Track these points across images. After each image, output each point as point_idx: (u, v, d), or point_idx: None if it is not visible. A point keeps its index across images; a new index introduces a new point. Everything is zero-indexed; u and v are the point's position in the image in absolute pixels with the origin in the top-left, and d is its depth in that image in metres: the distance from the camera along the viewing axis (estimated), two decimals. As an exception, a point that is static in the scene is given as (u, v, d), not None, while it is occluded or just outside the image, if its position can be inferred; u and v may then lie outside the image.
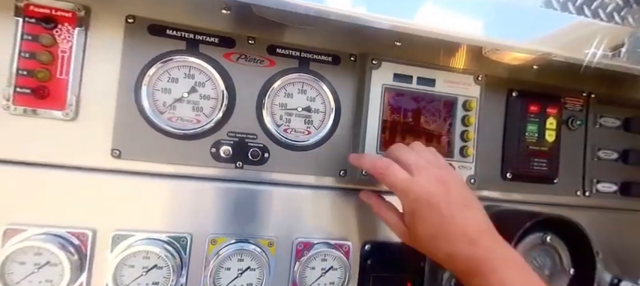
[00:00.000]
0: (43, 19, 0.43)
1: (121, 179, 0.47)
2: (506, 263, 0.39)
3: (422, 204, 0.41)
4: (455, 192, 0.41)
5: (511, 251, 0.41)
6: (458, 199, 0.41)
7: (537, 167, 0.61)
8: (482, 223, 0.41)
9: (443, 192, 0.41)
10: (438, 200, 0.40)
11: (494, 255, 0.39)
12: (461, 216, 0.40)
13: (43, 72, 0.43)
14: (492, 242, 0.40)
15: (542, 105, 0.61)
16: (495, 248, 0.40)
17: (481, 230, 0.41)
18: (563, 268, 0.53)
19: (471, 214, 0.41)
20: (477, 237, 0.40)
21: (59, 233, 0.45)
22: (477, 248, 0.39)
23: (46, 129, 0.45)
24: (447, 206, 0.40)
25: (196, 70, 0.49)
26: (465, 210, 0.41)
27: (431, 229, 0.41)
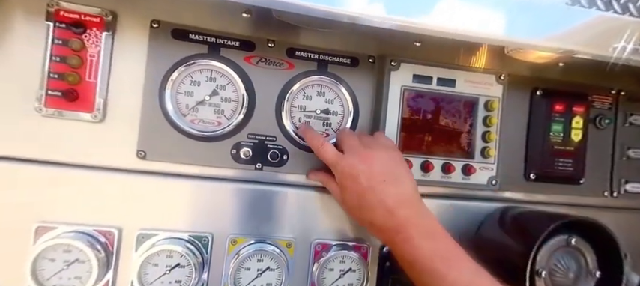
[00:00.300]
0: (72, 24, 0.46)
1: (146, 179, 0.49)
2: (420, 233, 0.43)
3: (346, 177, 0.47)
4: (377, 168, 0.46)
5: (429, 221, 0.45)
6: (379, 175, 0.45)
7: (562, 167, 0.61)
8: (403, 196, 0.45)
9: (365, 167, 0.46)
10: (359, 173, 0.45)
11: (409, 224, 0.44)
12: (380, 189, 0.45)
13: (72, 76, 0.45)
14: (410, 213, 0.45)
15: (567, 104, 0.61)
16: (411, 219, 0.44)
17: (400, 201, 0.45)
18: (588, 270, 0.52)
19: (392, 188, 0.45)
20: (394, 208, 0.44)
21: (87, 231, 0.48)
22: (393, 218, 0.44)
23: (75, 130, 0.47)
24: (367, 179, 0.45)
25: (218, 73, 0.51)
26: (384, 184, 0.45)
27: (354, 199, 0.47)
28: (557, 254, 0.52)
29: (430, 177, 0.56)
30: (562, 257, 0.52)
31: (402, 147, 0.55)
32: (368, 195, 0.45)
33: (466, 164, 0.56)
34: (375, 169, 0.45)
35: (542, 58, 0.56)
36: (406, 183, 0.46)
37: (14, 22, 0.46)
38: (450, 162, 0.56)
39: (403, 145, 0.55)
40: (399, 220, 0.44)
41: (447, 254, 0.42)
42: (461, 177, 0.57)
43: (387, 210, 0.44)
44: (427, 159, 0.55)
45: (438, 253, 0.42)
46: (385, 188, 0.45)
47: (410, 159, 0.55)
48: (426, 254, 0.42)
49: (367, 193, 0.45)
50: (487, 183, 0.58)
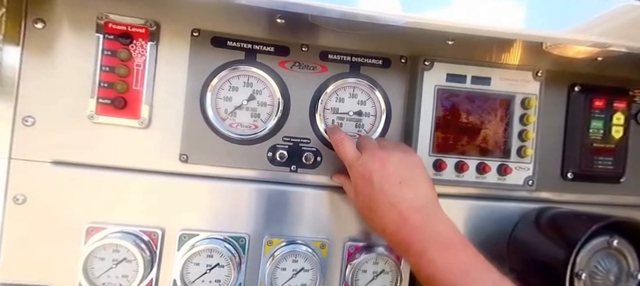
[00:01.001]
0: (120, 35, 0.50)
1: (188, 182, 0.54)
2: (437, 244, 0.41)
3: (359, 178, 0.47)
4: (392, 168, 0.45)
5: (446, 230, 0.43)
6: (393, 176, 0.44)
7: (602, 166, 0.62)
8: (418, 201, 0.44)
9: (378, 167, 0.45)
10: (372, 174, 0.45)
11: (424, 234, 0.42)
12: (392, 192, 0.44)
13: (121, 84, 0.50)
14: (425, 219, 0.43)
15: (607, 100, 0.61)
16: (426, 227, 0.42)
17: (414, 207, 0.43)
18: (630, 272, 0.53)
19: (406, 191, 0.44)
20: (408, 214, 0.43)
21: (134, 231, 0.53)
22: (407, 226, 0.43)
23: (123, 136, 0.53)
24: (379, 180, 0.44)
25: (254, 78, 0.55)
26: (399, 186, 0.44)
27: (366, 201, 0.46)
28: (597, 256, 0.53)
29: (464, 177, 0.58)
30: (603, 260, 0.53)
31: (436, 148, 0.57)
32: (380, 198, 0.44)
33: (502, 164, 0.58)
34: (390, 170, 0.45)
35: (582, 52, 0.57)
36: (422, 188, 0.45)
37: (66, 35, 0.51)
38: (485, 161, 0.58)
39: (437, 146, 0.57)
40: (412, 227, 0.42)
41: (467, 267, 0.40)
42: (496, 177, 0.59)
43: (399, 215, 0.43)
44: (461, 160, 0.57)
45: (456, 267, 0.40)
46: (399, 191, 0.44)
47: (444, 159, 0.57)
48: (445, 268, 0.40)
49: (379, 195, 0.44)
50: (523, 184, 0.59)
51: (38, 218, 0.52)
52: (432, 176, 0.57)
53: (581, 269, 0.52)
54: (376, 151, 0.47)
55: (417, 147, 0.57)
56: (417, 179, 0.46)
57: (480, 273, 0.40)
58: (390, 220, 0.44)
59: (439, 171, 0.57)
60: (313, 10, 0.42)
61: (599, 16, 0.47)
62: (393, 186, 0.44)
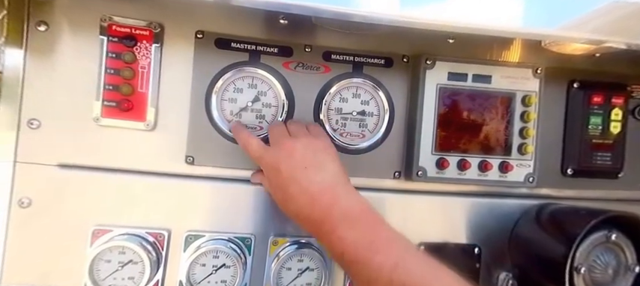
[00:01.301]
0: (124, 37, 0.51)
1: (194, 183, 0.55)
2: (345, 221, 0.43)
3: (270, 170, 0.48)
4: (298, 155, 0.46)
5: (354, 207, 0.44)
6: (300, 162, 0.46)
7: (601, 161, 0.64)
8: (326, 183, 0.45)
9: (285, 155, 0.47)
10: (280, 164, 0.46)
11: (333, 213, 0.43)
12: (301, 176, 0.45)
13: (126, 87, 0.51)
14: (333, 199, 0.44)
15: (606, 96, 0.63)
16: (335, 206, 0.44)
17: (323, 188, 0.45)
18: (627, 266, 0.56)
19: (313, 173, 0.45)
20: (318, 196, 0.44)
21: (140, 233, 0.54)
22: (316, 205, 0.44)
23: (129, 138, 0.53)
24: (287, 168, 0.46)
25: (259, 79, 0.56)
26: (306, 170, 0.45)
27: (280, 192, 0.47)
28: (596, 251, 0.55)
29: (466, 175, 0.60)
30: (601, 254, 0.55)
31: (439, 146, 0.59)
32: (290, 186, 0.46)
33: (503, 161, 0.60)
34: (296, 157, 0.46)
35: (580, 49, 0.58)
36: (330, 169, 0.47)
37: (69, 37, 0.52)
38: (487, 159, 0.60)
39: (439, 144, 0.59)
40: (321, 207, 0.44)
41: (372, 239, 0.41)
42: (498, 174, 0.60)
43: (310, 197, 0.44)
44: (463, 158, 0.59)
45: (362, 240, 0.41)
46: (307, 175, 0.45)
47: (446, 157, 0.59)
48: (351, 243, 0.42)
49: (290, 183, 0.46)
50: (524, 180, 0.61)
51: (44, 222, 0.52)
52: (434, 174, 0.59)
53: (581, 263, 0.54)
54: (283, 141, 0.49)
55: (419, 145, 0.58)
56: (323, 161, 0.47)
57: (386, 242, 0.42)
58: (302, 205, 0.45)
59: (442, 170, 0.59)
60: (314, 11, 0.43)
61: (594, 12, 0.49)
62: (300, 171, 0.46)
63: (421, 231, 0.61)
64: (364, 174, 0.59)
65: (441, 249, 0.60)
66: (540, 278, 0.58)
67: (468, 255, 0.61)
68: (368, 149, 0.59)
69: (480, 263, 0.62)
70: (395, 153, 0.60)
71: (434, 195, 0.61)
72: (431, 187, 0.61)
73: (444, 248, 0.60)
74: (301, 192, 0.45)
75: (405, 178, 0.60)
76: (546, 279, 0.57)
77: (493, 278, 0.62)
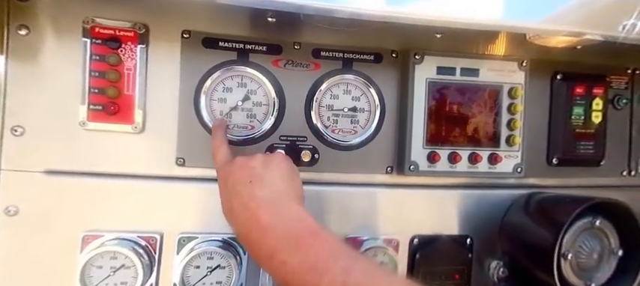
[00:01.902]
0: (108, 39, 0.50)
1: (186, 185, 0.55)
2: (286, 244, 0.38)
3: (220, 183, 0.46)
4: (247, 170, 0.44)
5: (294, 224, 0.40)
6: (247, 176, 0.43)
7: (584, 150, 0.66)
8: (267, 197, 0.41)
9: (235, 169, 0.44)
10: (229, 177, 0.44)
11: (273, 234, 0.39)
12: (244, 191, 0.42)
13: (112, 90, 0.50)
14: (273, 217, 0.40)
15: (587, 87, 0.66)
16: (275, 225, 0.39)
17: (263, 204, 0.41)
18: (611, 249, 0.58)
19: (257, 188, 0.42)
20: (258, 212, 0.40)
21: (131, 237, 0.53)
22: (256, 225, 0.40)
23: (117, 142, 0.53)
24: (233, 182, 0.43)
25: (248, 78, 0.55)
26: (250, 185, 0.42)
27: (225, 206, 0.44)
28: (582, 237, 0.57)
29: (457, 168, 0.61)
30: (587, 239, 0.58)
31: (430, 140, 0.60)
32: (234, 200, 0.42)
33: (492, 153, 0.62)
34: (245, 172, 0.44)
35: (563, 42, 0.60)
36: (276, 184, 0.43)
37: (52, 41, 0.51)
38: (476, 151, 0.61)
39: (430, 138, 0.60)
40: (260, 226, 0.40)
41: (316, 260, 0.37)
42: (487, 166, 0.62)
43: (250, 214, 0.40)
44: (454, 151, 0.60)
45: (306, 265, 0.37)
46: (250, 189, 0.42)
47: (437, 151, 0.60)
48: (295, 269, 0.38)
49: (233, 198, 0.43)
50: (513, 171, 0.63)
51: (32, 230, 0.51)
52: (426, 168, 0.60)
53: (568, 249, 0.56)
54: (243, 158, 0.46)
55: (411, 139, 0.59)
56: (271, 176, 0.44)
57: (331, 262, 0.37)
58: (242, 221, 0.42)
59: (433, 163, 0.60)
60: (301, 8, 0.43)
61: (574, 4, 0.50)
62: (245, 185, 0.43)
63: (414, 225, 0.62)
64: (357, 170, 0.60)
65: (434, 241, 0.62)
66: (530, 265, 0.60)
67: (460, 246, 0.63)
68: (360, 145, 0.60)
69: (473, 253, 0.63)
70: (387, 148, 0.61)
71: (426, 188, 0.63)
72: (423, 181, 0.62)
73: (437, 240, 0.62)
74: (243, 208, 0.41)
75: (397, 173, 0.61)
76: (535, 266, 0.59)
77: (485, 266, 0.64)
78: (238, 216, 0.42)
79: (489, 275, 0.64)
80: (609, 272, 0.59)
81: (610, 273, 0.59)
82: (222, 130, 0.51)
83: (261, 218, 0.40)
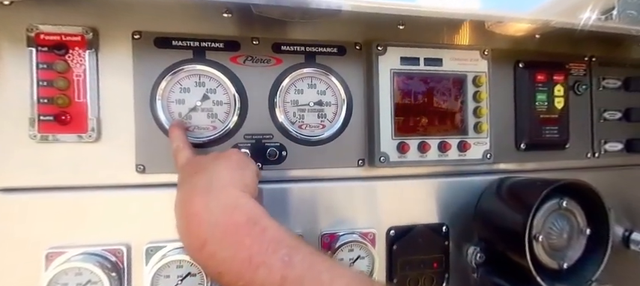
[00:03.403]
0: (54, 46, 0.48)
1: (149, 193, 0.53)
2: (218, 230, 0.36)
3: (178, 182, 0.44)
4: (195, 165, 0.43)
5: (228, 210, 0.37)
6: (195, 166, 0.42)
7: (549, 135, 0.68)
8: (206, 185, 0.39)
9: (186, 166, 0.44)
10: (180, 172, 0.44)
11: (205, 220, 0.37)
12: (187, 180, 0.41)
13: (62, 98, 0.48)
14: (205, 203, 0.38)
15: (548, 74, 0.67)
16: (207, 213, 0.37)
17: (201, 191, 0.39)
18: (580, 229, 0.60)
19: (199, 178, 0.40)
20: (194, 200, 0.38)
21: (96, 251, 0.51)
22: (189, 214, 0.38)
23: (72, 152, 0.50)
24: (182, 173, 0.43)
25: (206, 77, 0.54)
26: (194, 175, 0.41)
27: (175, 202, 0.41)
28: (551, 218, 0.58)
29: (428, 157, 0.61)
30: (556, 220, 0.59)
31: (398, 131, 0.60)
32: (178, 190, 0.41)
33: (461, 140, 0.62)
34: (192, 167, 0.43)
35: (520, 30, 0.62)
36: (217, 172, 0.41)
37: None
38: (445, 140, 0.61)
39: (398, 128, 0.60)
40: (192, 214, 0.38)
41: (251, 253, 0.35)
42: (457, 154, 0.62)
43: (188, 203, 0.38)
44: (423, 140, 0.61)
45: (238, 256, 0.35)
46: (192, 179, 0.40)
47: (407, 141, 0.60)
48: (227, 261, 0.35)
49: (178, 188, 0.41)
50: (482, 157, 0.64)
51: (-9, 251, 0.48)
52: (396, 159, 0.60)
53: (538, 231, 0.57)
54: (201, 156, 0.45)
55: (379, 131, 0.59)
56: (216, 166, 0.42)
57: (264, 256, 0.35)
58: (178, 213, 0.39)
59: (403, 153, 0.60)
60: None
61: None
62: (189, 177, 0.41)
63: (390, 216, 0.62)
64: (328, 164, 0.59)
65: (410, 231, 0.62)
66: (504, 249, 0.61)
67: (436, 234, 0.63)
68: (330, 139, 0.59)
69: (449, 241, 0.64)
70: (357, 140, 0.61)
71: (399, 179, 0.63)
72: (395, 172, 0.62)
73: (414, 230, 0.62)
74: (180, 199, 0.40)
75: (369, 165, 0.61)
76: (509, 249, 0.60)
77: (463, 253, 0.65)
78: (176, 209, 0.39)
79: (468, 261, 0.64)
80: (580, 250, 0.60)
81: (581, 251, 0.60)
82: (179, 131, 0.49)
83: (194, 205, 0.38)
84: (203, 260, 0.37)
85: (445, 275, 0.63)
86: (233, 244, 0.35)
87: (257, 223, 0.37)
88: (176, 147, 0.48)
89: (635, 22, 0.55)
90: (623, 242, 0.72)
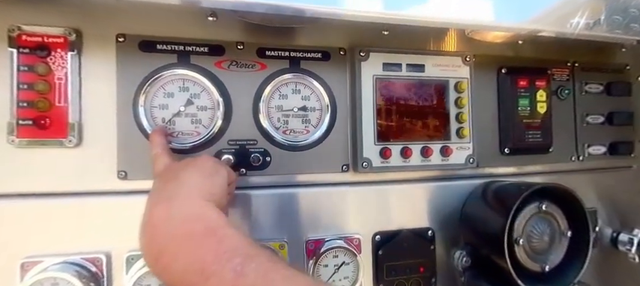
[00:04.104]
0: (36, 47, 0.48)
1: (130, 199, 0.52)
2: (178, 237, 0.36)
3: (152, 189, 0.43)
4: (170, 173, 0.43)
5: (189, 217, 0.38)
6: (165, 174, 0.43)
7: (532, 139, 0.69)
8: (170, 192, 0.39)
9: (165, 171, 0.44)
10: (155, 178, 0.44)
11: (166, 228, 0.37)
12: (158, 187, 0.41)
13: (42, 102, 0.48)
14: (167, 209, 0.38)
15: (531, 79, 0.69)
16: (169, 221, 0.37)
17: (164, 198, 0.39)
18: (561, 231, 0.60)
19: (170, 185, 0.40)
20: (157, 208, 0.38)
21: (74, 260, 0.50)
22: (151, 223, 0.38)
23: (52, 158, 0.50)
24: (155, 182, 0.43)
25: (190, 81, 0.54)
26: (167, 183, 0.41)
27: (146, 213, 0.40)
28: (531, 221, 0.59)
29: (410, 162, 0.62)
30: (536, 223, 0.60)
31: (380, 136, 0.60)
32: (149, 198, 0.40)
33: (443, 145, 0.63)
34: (166, 174, 0.43)
35: (499, 37, 0.64)
36: (183, 179, 0.41)
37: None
38: (428, 145, 0.62)
39: (381, 134, 0.60)
40: (154, 223, 0.37)
41: (204, 263, 0.34)
42: (440, 158, 0.63)
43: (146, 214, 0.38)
44: (406, 145, 0.61)
45: (191, 267, 0.35)
46: (162, 186, 0.41)
47: (389, 146, 0.61)
48: (179, 272, 0.35)
49: (149, 197, 0.40)
50: (465, 162, 0.65)
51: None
52: (379, 164, 0.60)
53: (519, 235, 0.58)
54: (175, 162, 0.45)
55: (362, 136, 0.60)
56: (186, 174, 0.41)
57: (216, 265, 0.34)
58: (142, 224, 0.39)
59: (386, 159, 0.61)
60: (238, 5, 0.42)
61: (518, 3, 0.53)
62: (162, 183, 0.42)
63: (375, 221, 0.62)
64: (313, 169, 0.60)
65: (395, 236, 0.62)
66: (488, 252, 0.61)
67: (422, 239, 0.64)
68: (314, 144, 0.59)
69: (435, 245, 0.64)
70: (341, 146, 0.61)
71: (384, 184, 0.63)
72: (380, 177, 0.62)
73: (399, 235, 0.62)
74: (146, 207, 0.39)
75: (353, 170, 0.61)
76: (492, 253, 0.60)
77: (449, 257, 0.65)
78: (145, 217, 0.38)
79: (454, 265, 0.65)
80: (562, 253, 0.61)
81: (562, 254, 0.61)
82: (159, 137, 0.49)
83: (154, 216, 0.37)
84: (158, 272, 0.37)
85: (432, 280, 0.64)
86: (187, 255, 0.35)
87: (215, 233, 0.36)
88: (155, 154, 0.47)
89: (621, 27, 0.56)
90: (612, 243, 0.73)
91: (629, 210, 0.75)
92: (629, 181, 0.77)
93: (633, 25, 0.56)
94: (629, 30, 0.56)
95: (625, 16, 0.56)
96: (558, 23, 0.54)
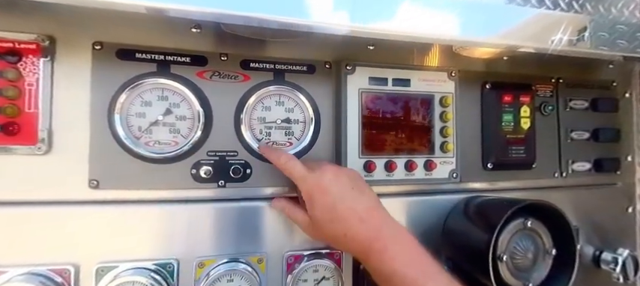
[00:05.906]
0: (6, 52, 0.45)
1: (101, 209, 0.49)
2: (396, 240, 0.47)
3: (315, 190, 0.49)
4: (343, 178, 0.50)
5: (399, 228, 0.49)
6: (347, 183, 0.49)
7: (516, 154, 0.68)
8: (372, 202, 0.49)
9: (332, 177, 0.49)
10: (330, 185, 0.48)
11: (384, 233, 0.47)
12: (350, 196, 0.48)
13: (11, 108, 0.45)
14: (381, 220, 0.48)
15: (515, 95, 0.68)
16: (384, 226, 0.47)
17: (370, 207, 0.48)
18: (546, 249, 0.59)
19: (359, 195, 0.49)
20: (366, 216, 0.47)
21: (41, 271, 0.47)
22: (367, 226, 0.47)
23: (20, 165, 0.47)
24: (337, 189, 0.48)
25: (169, 91, 0.52)
26: (353, 191, 0.49)
27: (326, 212, 0.48)
28: (515, 238, 0.58)
29: (394, 176, 0.60)
30: (520, 240, 0.58)
31: (365, 149, 0.59)
32: (339, 205, 0.47)
33: (427, 160, 0.62)
34: (343, 179, 0.49)
35: (486, 53, 0.63)
36: (370, 192, 0.50)
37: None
38: (412, 159, 0.61)
39: (365, 147, 0.59)
40: (372, 226, 0.46)
41: (423, 266, 0.45)
42: (423, 173, 0.62)
43: (359, 218, 0.47)
44: (390, 159, 0.59)
45: (414, 263, 0.45)
46: (354, 196, 0.48)
47: (373, 160, 0.59)
48: (404, 263, 0.44)
49: (338, 203, 0.47)
50: (448, 177, 0.63)
51: None
52: (363, 178, 0.58)
53: (502, 251, 0.56)
54: (323, 165, 0.51)
55: (346, 150, 0.58)
56: (362, 185, 0.51)
57: (435, 273, 0.44)
58: (352, 224, 0.47)
59: (370, 172, 0.59)
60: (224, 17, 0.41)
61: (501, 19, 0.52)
62: (349, 191, 0.48)
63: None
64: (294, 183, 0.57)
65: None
66: (470, 269, 0.59)
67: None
68: (297, 157, 0.56)
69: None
70: (325, 159, 0.59)
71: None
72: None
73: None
74: (351, 212, 0.47)
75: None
76: (474, 269, 0.58)
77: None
78: (348, 220, 0.47)
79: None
80: (546, 271, 0.59)
81: (546, 272, 0.59)
82: (273, 147, 0.56)
83: (372, 221, 0.47)
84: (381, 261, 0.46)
85: (413, 295, 0.61)
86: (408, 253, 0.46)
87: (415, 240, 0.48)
88: (287, 159, 0.51)
89: (608, 43, 0.55)
90: (593, 261, 0.71)
91: (613, 228, 0.74)
92: (613, 199, 0.76)
93: (620, 42, 0.55)
94: (616, 46, 0.55)
95: (611, 32, 0.55)
96: (539, 40, 0.53)
